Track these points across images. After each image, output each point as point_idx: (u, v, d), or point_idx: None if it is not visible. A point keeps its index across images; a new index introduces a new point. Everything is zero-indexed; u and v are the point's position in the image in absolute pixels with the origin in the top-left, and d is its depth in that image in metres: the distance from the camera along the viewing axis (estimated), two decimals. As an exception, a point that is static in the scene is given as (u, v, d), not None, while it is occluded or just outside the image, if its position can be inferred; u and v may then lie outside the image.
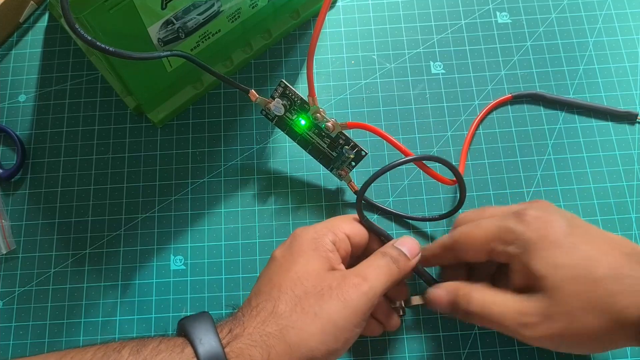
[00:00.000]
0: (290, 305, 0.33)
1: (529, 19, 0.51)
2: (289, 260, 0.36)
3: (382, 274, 0.35)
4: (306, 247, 0.36)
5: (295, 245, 0.36)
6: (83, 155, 0.47)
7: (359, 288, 0.34)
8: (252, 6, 0.44)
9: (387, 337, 0.42)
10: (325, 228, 0.37)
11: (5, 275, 0.44)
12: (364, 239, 0.39)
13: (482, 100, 0.48)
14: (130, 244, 0.45)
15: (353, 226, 0.39)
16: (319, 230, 0.37)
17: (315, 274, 0.34)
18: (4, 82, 0.49)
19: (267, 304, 0.33)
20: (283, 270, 0.35)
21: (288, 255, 0.36)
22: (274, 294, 0.34)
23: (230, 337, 0.32)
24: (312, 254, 0.36)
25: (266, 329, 0.32)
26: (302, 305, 0.33)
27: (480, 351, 0.42)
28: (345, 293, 0.33)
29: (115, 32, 0.37)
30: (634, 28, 0.50)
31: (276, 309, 0.33)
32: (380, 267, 0.36)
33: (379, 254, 0.37)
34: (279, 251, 0.37)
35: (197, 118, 0.48)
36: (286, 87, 0.42)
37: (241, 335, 0.32)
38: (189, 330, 0.32)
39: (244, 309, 0.34)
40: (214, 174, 0.47)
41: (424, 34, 0.51)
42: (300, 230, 0.37)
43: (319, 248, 0.36)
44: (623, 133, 0.47)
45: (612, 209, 0.45)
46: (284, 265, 0.35)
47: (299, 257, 0.35)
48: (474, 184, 0.46)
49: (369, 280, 0.34)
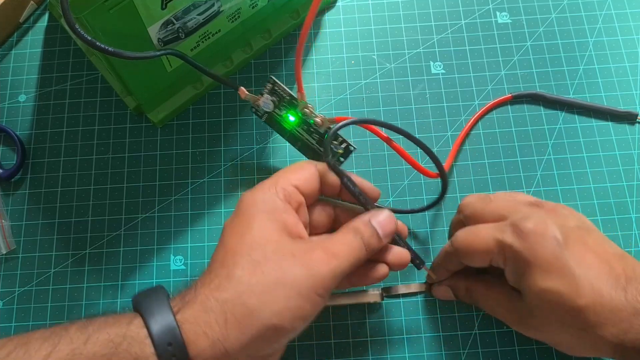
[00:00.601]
0: (249, 269, 0.30)
1: (529, 19, 0.51)
2: (241, 225, 0.33)
3: (353, 255, 0.33)
4: (257, 210, 0.33)
5: (244, 209, 0.33)
6: (83, 155, 0.47)
7: (326, 263, 0.32)
8: (252, 6, 0.44)
9: (386, 337, 0.42)
10: (271, 184, 0.34)
11: (5, 275, 0.44)
12: (315, 186, 0.36)
13: (482, 100, 0.48)
14: (130, 244, 0.45)
15: (299, 175, 0.36)
16: (266, 189, 0.34)
17: (275, 240, 0.32)
18: (4, 82, 0.49)
19: (221, 270, 0.31)
20: (236, 235, 0.32)
21: (237, 221, 0.33)
22: (227, 260, 0.31)
23: (181, 304, 0.30)
24: (264, 217, 0.33)
25: (222, 295, 0.30)
26: (262, 269, 0.30)
27: (480, 351, 0.42)
28: (311, 262, 0.31)
29: (115, 32, 0.37)
30: (634, 28, 0.50)
31: (232, 273, 0.30)
32: (352, 247, 0.33)
33: (352, 231, 0.34)
34: (229, 220, 0.34)
35: (197, 118, 0.48)
36: (275, 83, 0.42)
37: (193, 302, 0.30)
38: (140, 302, 0.31)
39: (198, 280, 0.32)
40: (214, 174, 0.47)
41: (424, 34, 0.51)
42: (246, 193, 0.34)
43: (271, 210, 0.33)
44: (623, 133, 0.47)
45: (612, 209, 0.45)
46: (237, 231, 0.33)
47: (251, 221, 0.33)
48: (474, 184, 0.46)
49: (339, 257, 0.32)
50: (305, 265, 0.31)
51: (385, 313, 0.43)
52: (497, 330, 0.42)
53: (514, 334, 0.42)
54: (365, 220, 0.35)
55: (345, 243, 0.34)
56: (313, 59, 0.50)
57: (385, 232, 0.35)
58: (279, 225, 0.33)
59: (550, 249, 0.33)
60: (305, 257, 0.32)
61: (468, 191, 0.46)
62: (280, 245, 0.32)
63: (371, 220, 0.35)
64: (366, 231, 0.34)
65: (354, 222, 0.35)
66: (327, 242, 0.33)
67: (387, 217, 0.36)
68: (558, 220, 0.35)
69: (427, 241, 0.45)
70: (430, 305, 0.43)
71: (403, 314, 0.43)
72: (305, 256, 0.32)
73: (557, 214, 0.36)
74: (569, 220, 0.36)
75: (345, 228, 0.35)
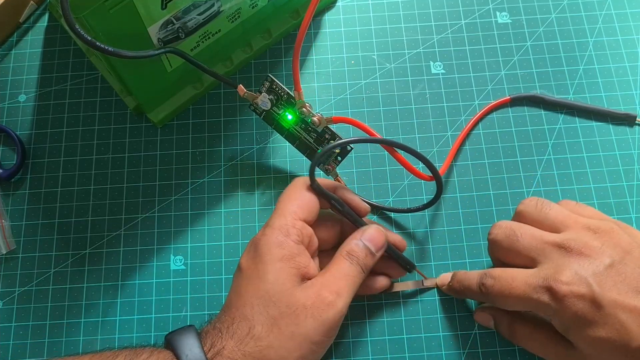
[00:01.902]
0: (267, 326, 0.34)
1: (529, 19, 0.51)
2: (256, 272, 0.35)
3: (354, 284, 0.36)
4: (272, 258, 0.35)
5: (260, 254, 0.36)
6: (83, 155, 0.47)
7: (333, 306, 0.35)
8: (252, 6, 0.44)
9: (386, 337, 0.42)
10: (283, 225, 0.36)
11: (5, 275, 0.44)
12: (317, 208, 0.38)
13: (482, 101, 0.48)
14: (130, 244, 0.45)
15: (304, 205, 0.38)
16: (279, 231, 0.36)
17: (287, 293, 0.35)
18: (4, 82, 0.49)
19: (242, 324, 0.34)
20: (252, 284, 0.35)
21: (253, 266, 0.36)
22: (247, 313, 0.34)
23: (212, 352, 0.33)
24: (279, 267, 0.35)
25: (246, 349, 0.33)
26: (279, 325, 0.34)
27: (480, 351, 0.42)
28: (321, 311, 0.34)
29: (115, 32, 0.37)
30: (634, 28, 0.50)
31: (253, 330, 0.34)
32: (351, 277, 0.36)
33: (347, 259, 0.37)
34: (244, 260, 0.36)
35: (197, 118, 0.48)
36: (273, 81, 0.42)
37: (222, 353, 0.33)
38: (175, 345, 0.33)
39: (222, 322, 0.35)
40: (214, 174, 0.47)
41: (424, 34, 0.51)
42: (261, 236, 0.36)
43: (286, 257, 0.35)
44: (623, 133, 0.47)
45: (612, 209, 0.45)
46: (252, 279, 0.35)
47: (267, 269, 0.35)
48: (473, 184, 0.46)
49: (343, 295, 0.35)
50: (316, 317, 0.34)
51: (385, 313, 0.43)
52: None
53: (514, 334, 0.42)
54: (357, 241, 0.38)
55: (344, 275, 0.36)
56: (313, 59, 0.50)
57: (377, 247, 0.38)
58: (293, 272, 0.35)
59: (588, 307, 0.34)
60: (314, 306, 0.34)
61: (468, 191, 0.46)
62: (293, 298, 0.35)
63: (362, 239, 0.38)
64: (360, 253, 0.37)
65: (347, 245, 0.38)
66: (329, 278, 0.36)
67: (376, 231, 0.38)
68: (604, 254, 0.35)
69: (426, 241, 0.45)
70: (430, 305, 0.43)
71: (403, 314, 0.43)
72: (314, 305, 0.35)
73: (610, 237, 0.36)
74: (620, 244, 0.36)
75: (340, 256, 0.37)
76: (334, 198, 0.39)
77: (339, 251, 0.38)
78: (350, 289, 0.36)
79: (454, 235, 0.45)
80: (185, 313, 0.43)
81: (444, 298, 0.43)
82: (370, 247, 0.38)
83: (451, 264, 0.44)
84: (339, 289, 0.35)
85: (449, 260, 0.44)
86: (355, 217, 0.39)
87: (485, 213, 0.45)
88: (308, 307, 0.34)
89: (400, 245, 0.42)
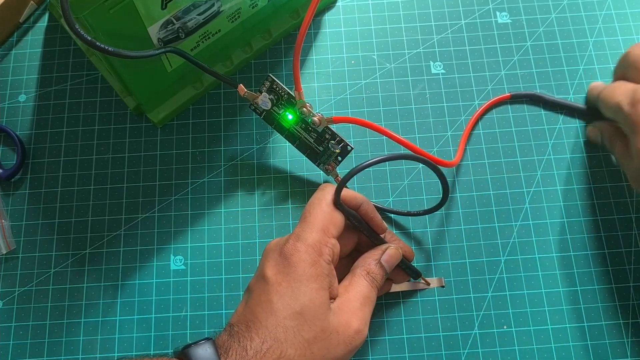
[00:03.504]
0: (300, 350, 0.34)
1: (529, 19, 0.51)
2: (290, 290, 0.34)
3: (372, 306, 0.38)
4: (307, 277, 0.35)
5: (293, 272, 0.35)
6: (83, 155, 0.47)
7: (361, 335, 0.36)
8: (252, 6, 0.44)
9: (386, 337, 0.42)
10: (317, 244, 0.36)
11: (5, 275, 0.44)
12: (342, 229, 0.38)
13: (482, 100, 0.48)
14: (130, 244, 0.45)
15: (336, 225, 0.38)
16: (312, 250, 0.36)
17: (322, 317, 0.35)
18: (4, 82, 0.49)
19: (274, 347, 0.33)
20: (284, 303, 0.34)
21: (285, 283, 0.35)
22: (279, 336, 0.33)
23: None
24: (314, 287, 0.35)
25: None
26: (312, 349, 0.34)
27: (480, 351, 0.42)
28: (351, 339, 0.35)
29: (115, 32, 0.37)
30: (634, 28, 0.50)
31: (285, 354, 0.33)
32: (371, 300, 0.37)
33: (368, 281, 0.38)
34: (272, 273, 0.35)
35: (197, 118, 0.48)
36: (273, 81, 0.42)
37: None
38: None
39: (249, 341, 0.33)
40: (214, 174, 0.47)
41: (424, 34, 0.51)
42: (294, 251, 0.36)
43: (320, 277, 0.35)
44: (623, 133, 0.47)
45: (612, 209, 0.45)
46: (285, 297, 0.34)
47: (300, 289, 0.34)
48: (474, 184, 0.46)
49: (368, 322, 0.36)
50: (347, 344, 0.35)
51: (385, 313, 0.43)
52: (497, 330, 0.42)
53: (514, 334, 0.42)
54: (377, 260, 0.39)
55: (366, 298, 0.37)
56: (313, 59, 0.50)
57: (391, 266, 0.39)
58: (326, 294, 0.35)
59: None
60: (345, 333, 0.35)
61: (468, 191, 0.46)
62: (327, 322, 0.35)
63: (382, 260, 0.39)
64: (379, 274, 0.38)
65: (367, 264, 0.39)
66: (355, 305, 0.36)
67: (395, 252, 0.40)
68: None
69: (426, 241, 0.45)
70: (430, 305, 0.43)
71: (403, 314, 0.43)
72: (345, 332, 0.35)
73: None
74: None
75: (360, 276, 0.38)
76: (353, 215, 0.39)
77: (360, 268, 0.38)
78: (371, 313, 0.37)
79: (454, 235, 0.45)
80: (185, 313, 0.43)
81: (444, 298, 0.43)
82: (387, 268, 0.39)
83: (451, 264, 0.44)
84: (364, 315, 0.36)
85: (449, 260, 0.44)
86: (374, 235, 0.40)
87: (485, 213, 0.45)
88: (340, 334, 0.35)
89: (410, 256, 0.42)
